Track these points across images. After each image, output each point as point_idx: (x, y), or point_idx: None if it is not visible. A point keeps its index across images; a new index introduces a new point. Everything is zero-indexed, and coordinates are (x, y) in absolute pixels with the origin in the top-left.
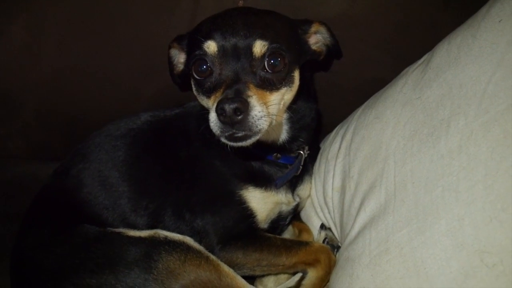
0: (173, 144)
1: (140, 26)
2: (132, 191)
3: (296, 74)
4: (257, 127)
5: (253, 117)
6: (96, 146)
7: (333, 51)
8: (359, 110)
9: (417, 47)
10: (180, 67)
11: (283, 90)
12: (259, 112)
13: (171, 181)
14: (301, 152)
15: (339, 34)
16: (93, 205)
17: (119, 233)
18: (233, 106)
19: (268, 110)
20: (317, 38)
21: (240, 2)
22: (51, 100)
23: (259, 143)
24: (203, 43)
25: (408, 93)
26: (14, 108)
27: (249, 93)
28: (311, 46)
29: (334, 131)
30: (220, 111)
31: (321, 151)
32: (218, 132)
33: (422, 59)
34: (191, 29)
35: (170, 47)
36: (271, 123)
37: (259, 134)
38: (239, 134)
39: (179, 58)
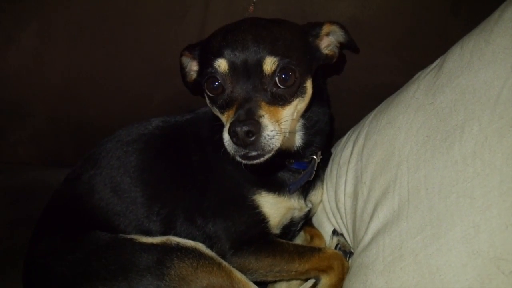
0: (184, 149)
1: (150, 33)
2: (144, 196)
3: (309, 84)
4: (269, 146)
5: (265, 138)
6: (107, 152)
7: (349, 48)
8: (371, 115)
9: (427, 51)
10: (193, 75)
11: (295, 102)
12: (271, 131)
13: (183, 187)
14: (314, 157)
15: None
16: (105, 211)
17: (131, 239)
18: (245, 129)
19: (281, 127)
20: (329, 41)
21: (251, 8)
22: (62, 107)
23: None
24: (214, 61)
25: (421, 98)
26: (25, 115)
27: (261, 112)
28: (323, 50)
29: (346, 136)
30: (232, 134)
31: (332, 156)
32: (232, 151)
33: (434, 64)
34: (202, 38)
35: (181, 55)
36: (284, 138)
37: (273, 152)
38: (253, 153)
39: (192, 66)
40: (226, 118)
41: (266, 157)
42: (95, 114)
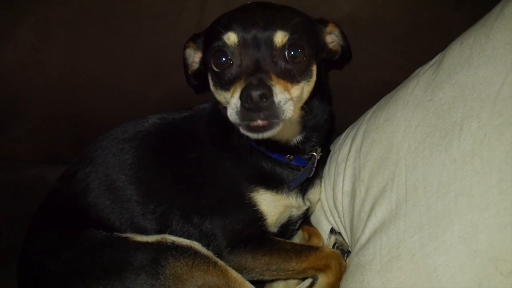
0: (181, 146)
1: (147, 29)
2: (139, 194)
3: (314, 69)
4: (283, 112)
5: (279, 103)
6: (103, 149)
7: (344, 53)
8: (370, 112)
9: (428, 48)
10: (195, 65)
11: (302, 83)
12: (284, 98)
13: (179, 184)
14: (314, 153)
15: (348, 34)
16: (100, 209)
17: (126, 238)
18: (259, 92)
19: (292, 96)
20: (332, 38)
21: (249, 2)
22: (59, 104)
23: (272, 142)
24: (223, 35)
25: (420, 95)
26: (22, 112)
27: (272, 82)
28: (328, 44)
29: (344, 133)
30: (245, 98)
31: (331, 153)
32: (238, 120)
33: (433, 60)
34: (200, 30)
35: (185, 47)
36: (294, 109)
37: (281, 123)
38: (261, 123)
39: (194, 57)
40: (232, 93)
41: (273, 130)
42: (92, 111)
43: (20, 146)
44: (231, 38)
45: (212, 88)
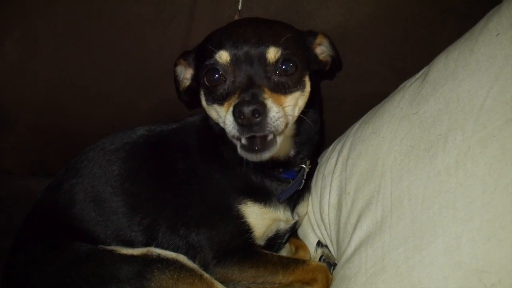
0: (169, 158)
1: (135, 41)
2: (125, 206)
3: (307, 80)
4: (275, 128)
5: (271, 118)
6: (89, 161)
7: (335, 64)
8: (356, 125)
9: (415, 60)
10: (186, 82)
11: (297, 94)
12: (277, 113)
13: (166, 196)
14: (303, 166)
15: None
16: (86, 221)
17: (111, 251)
18: (251, 108)
19: (285, 111)
20: (322, 49)
21: (236, 16)
22: (46, 115)
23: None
24: (215, 53)
25: (405, 108)
26: (9, 124)
27: (265, 95)
28: (318, 55)
29: (331, 146)
30: (238, 114)
31: (318, 166)
32: (237, 134)
33: (419, 73)
34: (187, 46)
35: (176, 65)
36: (287, 124)
37: (278, 143)
38: (258, 146)
39: (186, 74)
40: (226, 108)
41: (272, 149)
42: (80, 123)
43: (7, 158)
44: (223, 56)
45: (204, 103)
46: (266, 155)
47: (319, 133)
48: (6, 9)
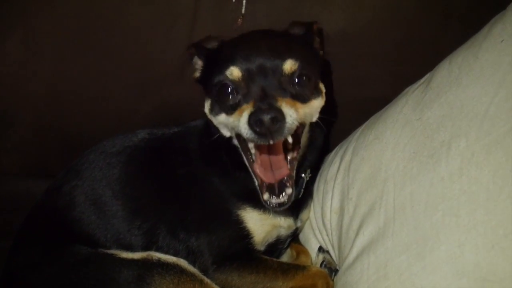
0: (170, 162)
1: (137, 43)
2: (125, 210)
3: (322, 86)
4: (292, 130)
5: (288, 122)
6: (90, 163)
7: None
8: (359, 130)
9: (417, 65)
10: (197, 71)
11: (314, 102)
12: (291, 116)
13: (167, 200)
14: (303, 175)
15: (338, 51)
16: (85, 224)
17: (111, 254)
18: (271, 115)
19: (300, 113)
20: (316, 40)
21: (239, 20)
22: (47, 116)
23: None
24: (226, 69)
25: (408, 113)
26: (10, 124)
27: (279, 103)
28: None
29: (334, 151)
30: (256, 123)
31: (320, 171)
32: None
33: (423, 79)
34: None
35: (189, 48)
36: (303, 126)
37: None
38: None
39: (196, 61)
40: (236, 116)
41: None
42: (81, 125)
43: (7, 159)
44: (234, 72)
45: (207, 111)
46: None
47: (323, 139)
48: (8, 10)
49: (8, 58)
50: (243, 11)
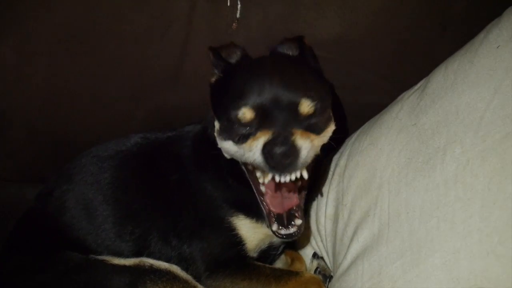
0: (163, 167)
1: (132, 48)
2: (117, 215)
3: (331, 113)
4: (305, 163)
5: (302, 157)
6: (82, 167)
7: None
8: (354, 136)
9: (414, 71)
10: (213, 78)
11: (328, 130)
12: (305, 149)
13: (159, 206)
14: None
15: (334, 58)
16: (77, 230)
17: (102, 261)
18: (283, 149)
19: (313, 144)
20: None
21: (234, 25)
22: (41, 121)
23: None
24: (238, 110)
25: (404, 119)
26: (3, 129)
27: (296, 136)
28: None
29: (328, 157)
30: (268, 154)
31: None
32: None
33: (418, 85)
34: (184, 55)
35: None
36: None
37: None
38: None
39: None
40: (249, 145)
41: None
42: (76, 130)
43: (0, 164)
44: (247, 115)
45: (216, 133)
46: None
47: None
48: (1, 15)
49: (1, 63)
50: (238, 15)
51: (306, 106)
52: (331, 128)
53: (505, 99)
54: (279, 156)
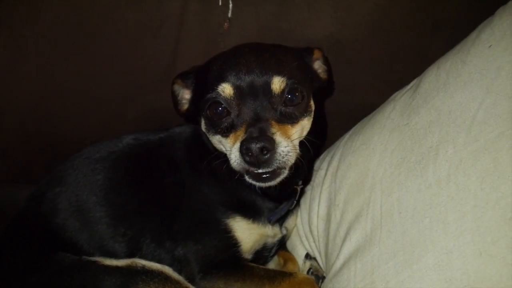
0: (156, 169)
1: (124, 48)
2: (109, 216)
3: (312, 104)
4: (285, 162)
5: (280, 154)
6: (74, 169)
7: (330, 79)
8: (346, 136)
9: (406, 71)
10: (185, 105)
11: (304, 120)
12: (285, 147)
13: (152, 207)
14: (296, 186)
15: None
16: (69, 231)
17: (95, 262)
18: (259, 145)
19: (294, 144)
20: (318, 64)
21: (226, 24)
22: (33, 122)
23: None
24: (217, 86)
25: (396, 119)
26: None
27: (273, 130)
28: (317, 72)
29: (321, 157)
30: (245, 151)
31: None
32: (242, 171)
33: (410, 84)
34: (176, 55)
35: (173, 83)
36: (297, 154)
37: (287, 171)
38: (267, 174)
39: (184, 94)
40: (232, 140)
41: (281, 177)
42: (67, 130)
43: None
44: (226, 90)
45: (204, 130)
46: (274, 183)
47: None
48: None
49: None
50: (229, 15)
51: (277, 82)
52: (309, 119)
53: (497, 99)
54: (255, 151)
